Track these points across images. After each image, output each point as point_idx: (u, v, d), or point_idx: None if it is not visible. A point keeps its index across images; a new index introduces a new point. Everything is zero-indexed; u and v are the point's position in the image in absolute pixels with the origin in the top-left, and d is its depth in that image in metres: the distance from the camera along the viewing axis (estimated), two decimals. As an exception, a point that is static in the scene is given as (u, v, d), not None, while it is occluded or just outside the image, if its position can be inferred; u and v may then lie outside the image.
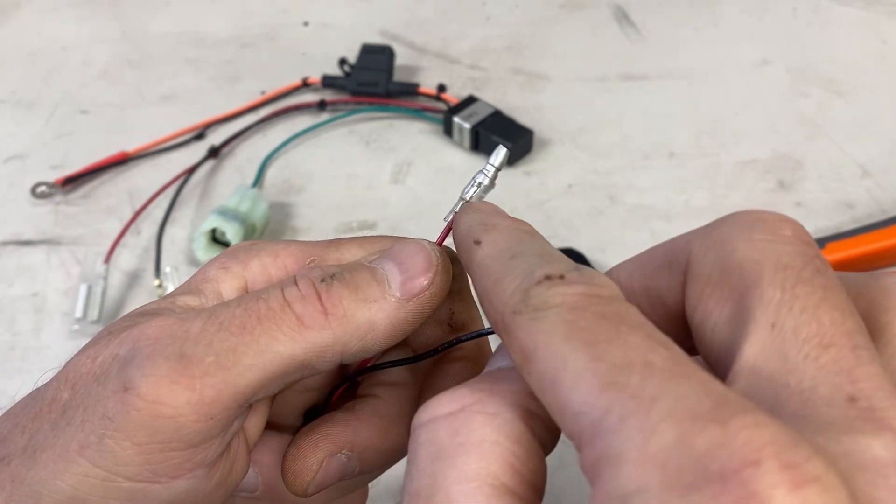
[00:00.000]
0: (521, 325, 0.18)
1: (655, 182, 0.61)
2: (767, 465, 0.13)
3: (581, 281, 0.18)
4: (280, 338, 0.22)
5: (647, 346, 0.16)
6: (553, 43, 0.74)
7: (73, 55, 0.74)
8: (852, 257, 0.53)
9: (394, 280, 0.24)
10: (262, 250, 0.26)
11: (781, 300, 0.17)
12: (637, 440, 0.15)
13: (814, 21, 0.76)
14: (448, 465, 0.17)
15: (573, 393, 0.16)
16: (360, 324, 0.23)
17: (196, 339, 0.22)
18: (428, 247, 0.25)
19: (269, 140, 0.65)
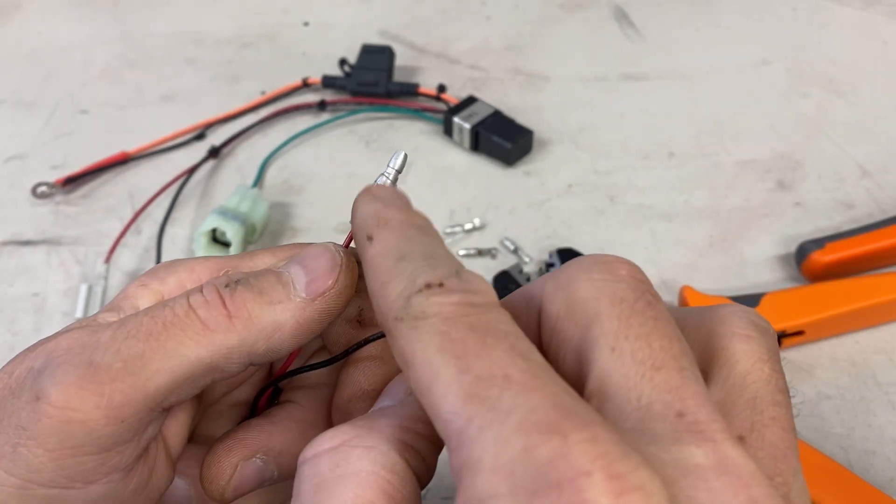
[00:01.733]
0: (402, 333, 0.19)
1: (655, 182, 0.61)
2: (597, 476, 0.15)
3: (458, 289, 0.19)
4: (186, 342, 0.23)
5: (509, 358, 0.17)
6: (553, 43, 0.74)
7: (74, 55, 0.74)
8: (852, 257, 0.53)
9: (299, 281, 0.25)
10: (178, 266, 0.28)
11: (618, 329, 0.19)
12: (491, 449, 0.16)
13: (813, 21, 0.76)
14: (327, 495, 0.19)
15: (443, 402, 0.17)
16: (265, 325, 0.24)
17: (105, 347, 0.23)
18: (332, 248, 0.25)
19: (269, 140, 0.65)
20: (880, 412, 0.47)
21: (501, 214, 0.59)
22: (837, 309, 0.49)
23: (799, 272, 0.54)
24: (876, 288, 0.50)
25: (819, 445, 0.45)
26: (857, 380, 0.48)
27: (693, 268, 0.55)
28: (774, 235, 0.57)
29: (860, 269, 0.53)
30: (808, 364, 0.49)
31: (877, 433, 0.46)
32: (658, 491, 0.15)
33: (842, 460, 0.45)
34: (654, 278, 0.54)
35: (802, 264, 0.53)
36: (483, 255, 0.56)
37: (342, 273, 0.25)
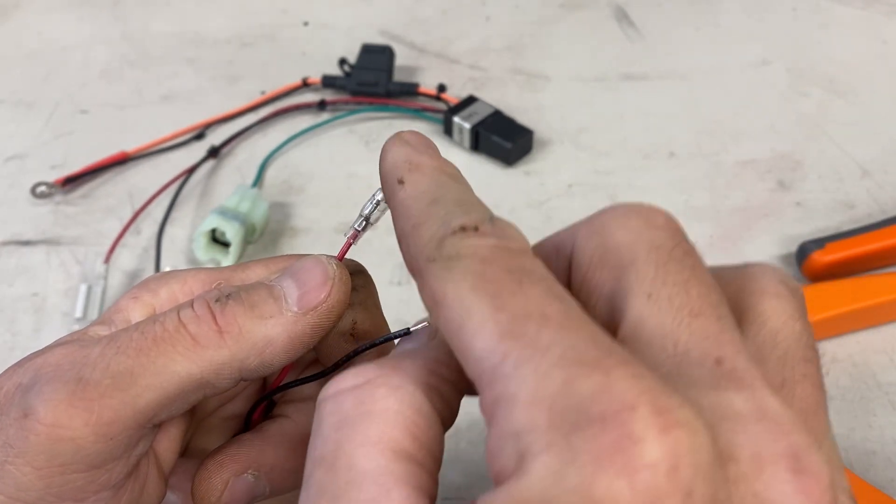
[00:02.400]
0: (434, 273, 0.19)
1: (655, 182, 0.61)
2: (642, 410, 0.15)
3: (493, 234, 0.19)
4: (176, 358, 0.23)
5: (546, 299, 0.17)
6: (553, 43, 0.74)
7: (73, 55, 0.74)
8: (852, 257, 0.53)
9: (291, 295, 0.24)
10: (171, 278, 0.27)
11: (655, 275, 0.19)
12: (529, 384, 0.16)
13: (814, 21, 0.76)
14: (352, 431, 0.18)
15: (475, 339, 0.17)
16: (257, 340, 0.23)
17: (94, 364, 0.23)
18: (325, 261, 0.25)
19: (269, 140, 0.65)
20: (881, 412, 0.47)
21: (501, 214, 0.58)
22: (838, 309, 0.49)
23: (799, 272, 0.54)
24: (876, 288, 0.50)
25: (819, 446, 0.45)
26: (857, 380, 0.48)
27: (693, 268, 0.55)
28: (775, 235, 0.56)
29: (861, 269, 0.53)
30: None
31: (877, 433, 0.46)
32: (702, 429, 0.15)
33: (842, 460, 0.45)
34: (655, 278, 0.54)
35: (803, 264, 0.53)
36: (483, 255, 0.56)
37: (335, 286, 0.25)
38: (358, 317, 0.27)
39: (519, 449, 0.16)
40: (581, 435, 0.15)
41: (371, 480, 0.18)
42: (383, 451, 0.18)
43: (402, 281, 0.55)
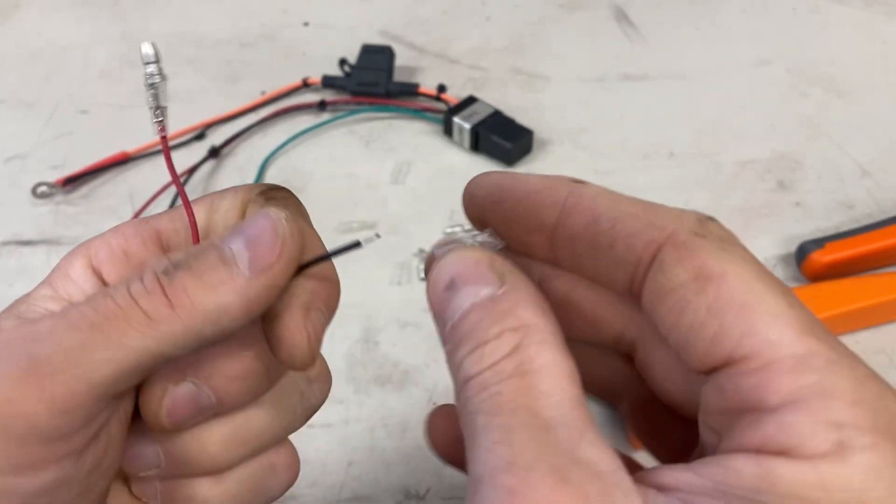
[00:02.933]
0: (708, 249, 0.20)
1: (655, 182, 0.61)
2: None
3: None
4: (130, 333, 0.22)
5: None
6: (553, 43, 0.74)
7: (74, 55, 0.74)
8: (852, 257, 0.53)
9: (241, 257, 0.23)
10: (109, 234, 0.28)
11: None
12: (849, 384, 0.18)
13: (813, 21, 0.76)
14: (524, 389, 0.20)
15: (770, 325, 0.19)
16: (210, 310, 0.23)
17: (45, 339, 0.22)
18: (274, 216, 0.24)
19: (269, 140, 0.65)
20: (880, 412, 0.47)
21: (501, 214, 0.59)
22: (838, 309, 0.49)
23: (799, 272, 0.54)
24: (876, 288, 0.50)
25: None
26: (857, 380, 0.48)
27: (693, 268, 0.55)
28: (774, 235, 0.57)
29: (860, 269, 0.53)
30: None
31: (877, 433, 0.46)
32: None
33: (842, 460, 0.45)
34: (654, 278, 0.54)
35: (802, 264, 0.53)
36: (483, 255, 0.56)
37: (286, 244, 0.24)
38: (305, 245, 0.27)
39: (840, 439, 0.17)
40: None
41: (564, 423, 0.19)
42: (561, 400, 0.19)
43: (403, 281, 0.55)
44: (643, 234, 0.22)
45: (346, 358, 0.50)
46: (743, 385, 0.19)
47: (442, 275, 0.23)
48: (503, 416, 0.19)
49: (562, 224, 0.24)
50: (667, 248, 0.21)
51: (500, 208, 0.25)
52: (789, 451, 0.18)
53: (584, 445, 0.18)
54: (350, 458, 0.46)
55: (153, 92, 0.26)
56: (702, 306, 0.20)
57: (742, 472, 0.18)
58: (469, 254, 0.23)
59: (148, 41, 0.26)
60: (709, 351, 0.20)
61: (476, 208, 0.26)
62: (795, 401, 0.18)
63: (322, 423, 0.47)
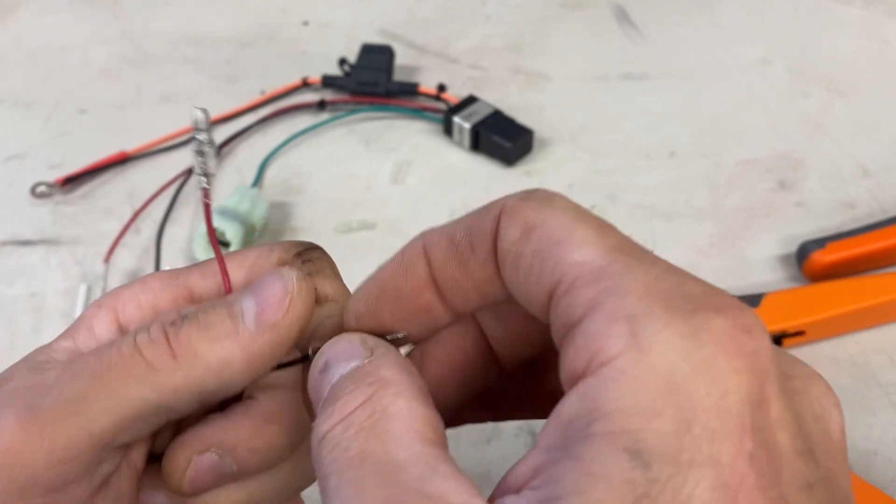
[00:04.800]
0: (531, 205, 0.21)
1: (656, 182, 0.61)
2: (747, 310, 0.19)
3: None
4: (130, 382, 0.23)
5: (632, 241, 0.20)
6: (553, 42, 0.74)
7: (72, 55, 0.74)
8: (853, 257, 0.52)
9: (249, 312, 0.24)
10: (136, 285, 0.28)
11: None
12: (642, 280, 0.18)
13: (814, 21, 0.76)
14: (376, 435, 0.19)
15: (579, 249, 0.19)
16: (212, 362, 0.23)
17: (48, 389, 0.23)
18: (286, 274, 0.25)
19: (268, 140, 0.65)
20: (881, 412, 0.47)
21: (501, 214, 0.58)
22: (838, 309, 0.49)
23: (800, 272, 0.53)
24: (877, 288, 0.50)
25: (820, 446, 0.45)
26: (857, 380, 0.48)
27: (694, 268, 0.54)
28: (775, 235, 0.56)
29: (861, 269, 0.53)
30: (809, 364, 0.49)
31: (877, 433, 0.46)
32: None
33: (843, 461, 0.45)
34: (655, 278, 0.54)
35: (803, 264, 0.53)
36: (483, 255, 0.56)
37: (294, 301, 0.24)
38: (317, 283, 0.27)
39: (633, 329, 0.17)
40: (699, 318, 0.18)
41: (414, 462, 0.18)
42: (414, 439, 0.19)
43: (402, 281, 0.54)
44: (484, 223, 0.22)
45: (346, 358, 0.50)
46: (558, 309, 0.19)
47: (318, 361, 0.23)
48: (352, 470, 0.19)
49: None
50: (501, 217, 0.22)
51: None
52: (593, 359, 0.18)
53: (436, 480, 0.18)
54: (350, 459, 0.46)
55: (201, 159, 0.27)
56: (528, 253, 0.21)
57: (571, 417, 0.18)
58: (342, 336, 0.23)
59: (199, 107, 0.27)
60: (537, 294, 0.20)
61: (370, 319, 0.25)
62: (592, 307, 0.18)
63: (322, 424, 0.47)
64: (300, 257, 0.28)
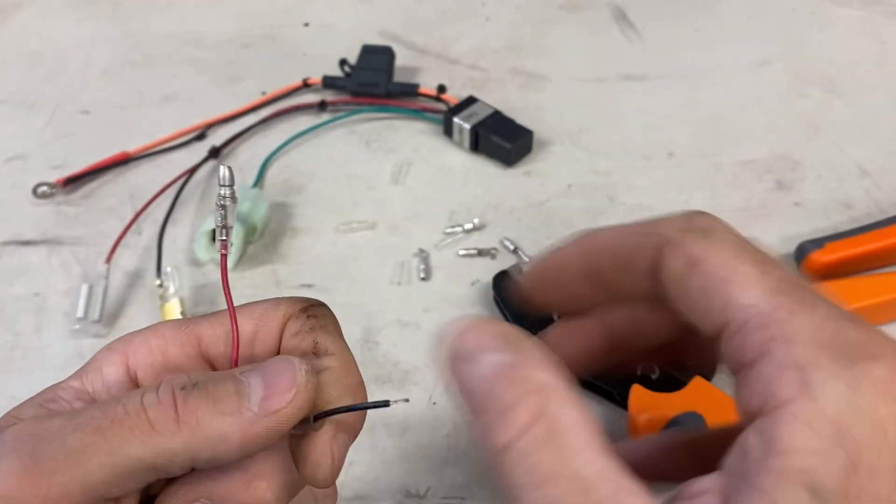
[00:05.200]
0: (693, 240, 0.23)
1: (655, 182, 0.61)
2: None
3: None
4: (131, 440, 0.23)
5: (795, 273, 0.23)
6: (553, 43, 0.74)
7: (74, 56, 0.74)
8: (851, 257, 0.53)
9: (255, 394, 0.25)
10: (145, 329, 0.28)
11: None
12: (807, 328, 0.20)
13: (813, 22, 0.76)
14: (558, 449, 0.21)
15: (744, 291, 0.22)
16: (212, 435, 0.24)
17: (51, 439, 0.23)
18: (296, 366, 0.25)
19: (269, 140, 0.65)
20: (879, 412, 0.47)
21: (501, 214, 0.59)
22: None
23: (798, 272, 0.54)
24: (876, 287, 0.50)
25: (818, 445, 0.45)
26: (856, 379, 0.49)
27: (692, 268, 0.55)
28: (774, 235, 0.57)
29: (860, 269, 0.53)
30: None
31: (876, 432, 0.46)
32: None
33: (841, 460, 0.45)
34: (654, 278, 0.54)
35: (802, 264, 0.53)
36: (483, 255, 0.56)
37: (299, 394, 0.25)
38: (318, 338, 0.28)
39: (802, 378, 0.20)
40: (860, 368, 0.20)
41: (602, 478, 0.20)
42: (596, 453, 0.20)
43: (403, 281, 0.55)
44: (646, 246, 0.25)
45: (347, 358, 0.51)
46: (730, 348, 0.22)
47: (459, 347, 0.24)
48: (547, 486, 0.20)
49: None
50: (664, 249, 0.24)
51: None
52: (765, 404, 0.20)
53: (622, 496, 0.20)
54: (350, 458, 0.46)
55: (222, 213, 0.28)
56: (693, 287, 0.23)
57: (750, 450, 0.20)
58: (482, 325, 0.24)
59: (225, 165, 0.28)
60: (706, 324, 0.23)
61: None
62: (763, 353, 0.21)
63: (322, 423, 0.47)
64: (305, 312, 0.29)
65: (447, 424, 0.47)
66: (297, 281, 0.55)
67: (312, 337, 0.28)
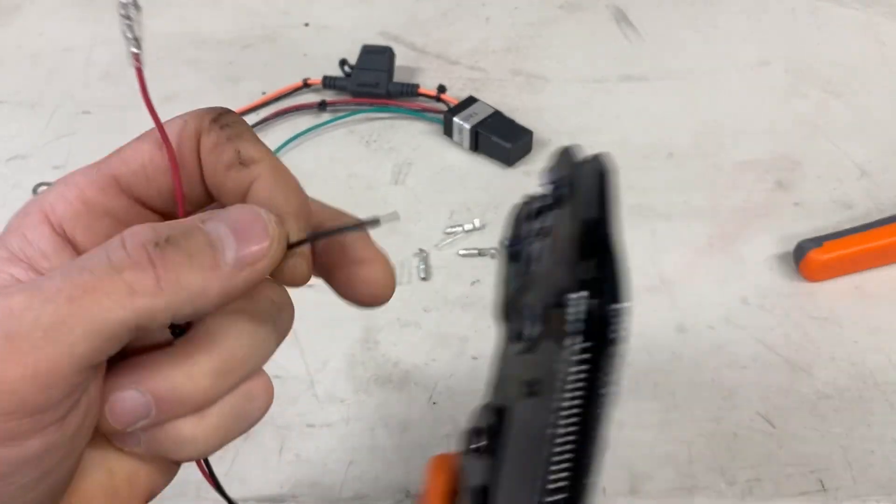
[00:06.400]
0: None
1: (654, 182, 0.61)
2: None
3: None
4: (111, 307, 0.22)
5: None
6: (552, 44, 0.74)
7: (75, 56, 0.74)
8: (850, 256, 0.53)
9: (228, 248, 0.24)
10: (55, 183, 0.28)
11: None
12: None
13: (812, 22, 0.76)
14: None
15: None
16: (193, 291, 0.23)
17: (21, 316, 0.22)
18: (265, 217, 0.25)
19: (269, 140, 0.65)
20: (879, 412, 0.47)
21: (501, 214, 0.59)
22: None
23: (797, 271, 0.54)
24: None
25: (817, 444, 0.46)
26: (855, 380, 0.49)
27: (692, 267, 0.55)
28: (773, 235, 0.57)
29: (858, 268, 0.54)
30: (808, 363, 0.49)
31: (875, 432, 0.46)
32: None
33: (840, 459, 0.45)
34: (653, 278, 0.54)
35: (801, 263, 0.53)
36: (483, 255, 0.56)
37: (274, 244, 0.25)
38: (239, 146, 0.27)
39: None
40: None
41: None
42: None
43: (403, 281, 0.55)
44: None
45: (347, 357, 0.51)
46: None
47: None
48: None
49: None
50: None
51: None
52: None
53: None
54: (350, 458, 0.46)
55: (128, 23, 0.26)
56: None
57: None
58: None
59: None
60: None
61: None
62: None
63: (323, 423, 0.47)
64: (216, 123, 0.28)
65: (447, 424, 0.47)
66: (297, 281, 0.55)
67: (232, 147, 0.27)
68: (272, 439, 0.47)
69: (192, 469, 0.38)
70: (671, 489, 0.44)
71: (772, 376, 0.49)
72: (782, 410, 0.47)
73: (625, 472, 0.45)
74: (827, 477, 0.44)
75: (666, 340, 0.51)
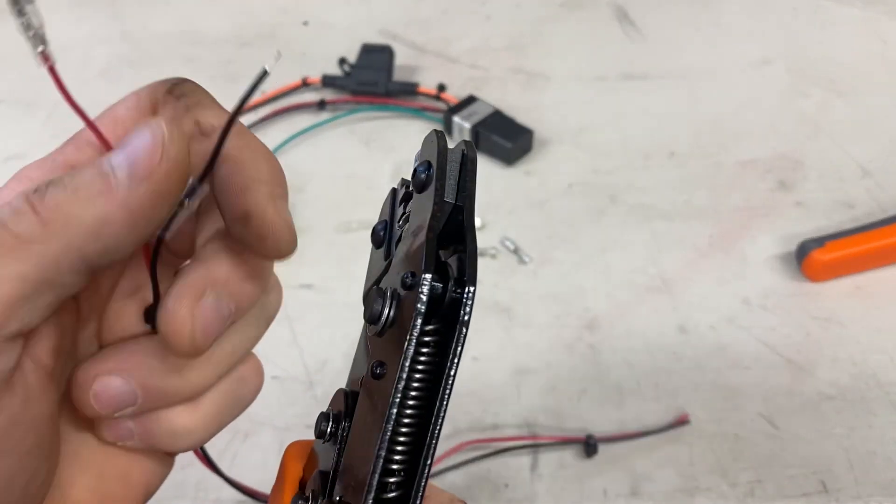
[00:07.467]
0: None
1: (656, 182, 0.61)
2: None
3: None
4: (4, 261, 0.21)
5: None
6: (553, 42, 0.74)
7: (73, 55, 0.74)
8: (852, 256, 0.53)
9: (121, 168, 0.22)
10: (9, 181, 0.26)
11: None
12: None
13: (814, 21, 0.76)
14: None
15: None
16: (88, 222, 0.22)
17: None
18: (153, 122, 0.23)
19: (268, 139, 0.65)
20: (881, 412, 0.47)
21: (501, 214, 0.59)
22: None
23: (799, 271, 0.53)
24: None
25: (819, 445, 0.45)
26: (857, 380, 0.48)
27: (693, 267, 0.55)
28: (775, 235, 0.56)
29: (861, 268, 0.53)
30: (810, 364, 0.49)
31: (877, 433, 0.46)
32: None
33: (842, 460, 0.45)
34: (655, 278, 0.54)
35: (803, 263, 0.53)
36: (483, 255, 0.56)
37: (168, 146, 0.23)
38: (198, 115, 0.26)
39: None
40: None
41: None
42: None
43: (402, 280, 0.54)
44: None
45: (346, 358, 0.50)
46: None
47: None
48: None
49: None
50: None
51: None
52: None
53: None
54: (350, 459, 0.46)
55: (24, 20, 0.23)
56: None
57: None
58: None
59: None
60: None
61: None
62: None
63: (322, 423, 0.47)
64: (172, 94, 0.26)
65: (447, 425, 0.47)
66: (296, 281, 0.55)
67: (191, 117, 0.25)
68: (271, 440, 0.46)
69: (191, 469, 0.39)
70: (672, 491, 0.44)
71: (773, 377, 0.49)
72: (784, 411, 0.47)
73: (625, 474, 0.44)
74: (829, 478, 0.44)
75: (667, 341, 0.50)
